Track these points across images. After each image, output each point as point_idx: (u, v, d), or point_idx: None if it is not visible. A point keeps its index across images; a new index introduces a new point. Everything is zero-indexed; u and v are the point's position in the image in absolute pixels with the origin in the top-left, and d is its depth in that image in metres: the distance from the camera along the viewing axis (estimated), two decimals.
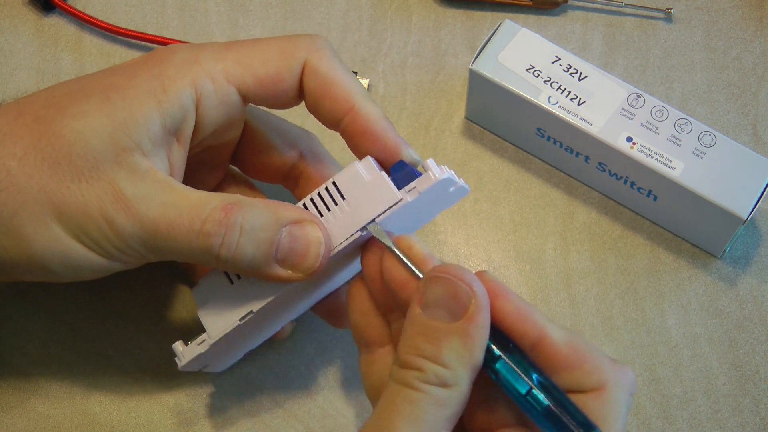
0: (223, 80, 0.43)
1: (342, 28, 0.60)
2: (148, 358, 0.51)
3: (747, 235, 0.54)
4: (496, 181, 0.56)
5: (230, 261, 0.40)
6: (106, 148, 0.40)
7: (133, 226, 0.40)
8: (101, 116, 0.40)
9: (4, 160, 0.40)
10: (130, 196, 0.40)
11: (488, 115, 0.56)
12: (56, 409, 0.50)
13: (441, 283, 0.37)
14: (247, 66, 0.43)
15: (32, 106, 0.41)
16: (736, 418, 0.50)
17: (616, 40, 0.59)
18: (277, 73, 0.43)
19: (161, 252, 0.41)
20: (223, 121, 0.44)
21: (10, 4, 0.60)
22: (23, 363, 0.50)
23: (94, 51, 0.59)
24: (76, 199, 0.40)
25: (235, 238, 0.40)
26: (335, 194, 0.42)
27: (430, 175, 0.41)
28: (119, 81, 0.42)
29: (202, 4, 0.60)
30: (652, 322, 0.52)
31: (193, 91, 0.42)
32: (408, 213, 0.42)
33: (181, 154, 0.43)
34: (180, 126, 0.42)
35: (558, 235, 0.54)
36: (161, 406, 0.50)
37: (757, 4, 0.60)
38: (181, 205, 0.40)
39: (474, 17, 0.60)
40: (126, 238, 0.40)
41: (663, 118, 0.52)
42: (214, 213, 0.40)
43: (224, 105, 0.43)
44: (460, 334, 0.36)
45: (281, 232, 0.40)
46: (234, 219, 0.40)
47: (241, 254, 0.40)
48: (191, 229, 0.40)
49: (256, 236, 0.40)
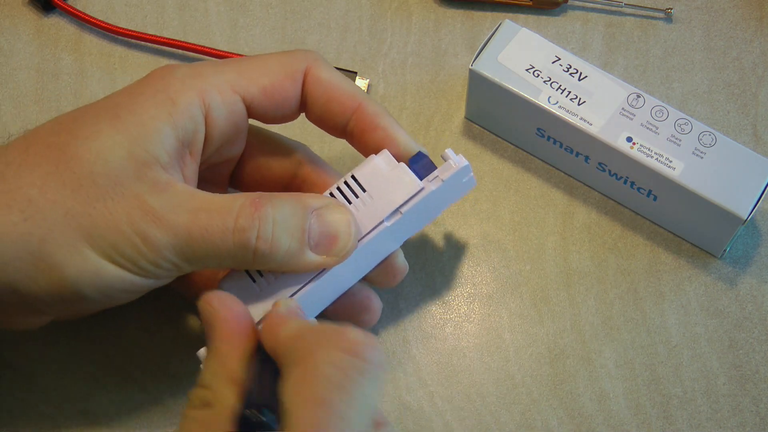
0: (228, 90, 0.43)
1: (342, 28, 0.60)
2: (148, 358, 0.51)
3: (747, 235, 0.54)
4: (496, 181, 0.56)
5: (267, 253, 0.40)
6: (126, 164, 0.40)
7: (167, 235, 0.39)
8: (115, 133, 0.40)
9: (24, 190, 0.39)
10: (158, 208, 0.39)
11: (488, 115, 0.56)
12: (56, 409, 0.50)
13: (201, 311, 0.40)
14: (250, 77, 0.43)
15: (40, 136, 0.41)
16: (736, 418, 0.50)
17: (616, 40, 0.59)
18: (280, 82, 0.44)
19: (197, 259, 0.40)
20: (231, 132, 0.44)
21: (10, 4, 0.60)
22: (23, 363, 0.50)
23: (94, 51, 0.59)
24: (104, 218, 0.39)
25: (269, 229, 0.40)
26: (355, 187, 0.43)
27: (451, 164, 0.43)
28: (124, 100, 0.42)
29: (202, 4, 0.60)
30: (652, 322, 0.52)
31: (201, 102, 0.42)
32: (427, 204, 0.44)
33: (194, 168, 0.43)
34: (192, 138, 0.42)
35: (558, 235, 0.54)
36: (161, 406, 0.50)
37: (757, 4, 0.60)
38: (210, 209, 0.40)
39: (474, 17, 0.60)
40: (161, 249, 0.40)
41: (663, 118, 0.52)
42: (244, 209, 0.40)
43: (232, 114, 0.43)
44: (212, 353, 0.39)
45: (310, 218, 0.41)
46: (265, 211, 0.40)
47: (277, 245, 0.40)
48: (225, 228, 0.40)
49: (288, 225, 0.40)
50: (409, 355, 0.51)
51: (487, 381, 0.51)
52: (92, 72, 0.58)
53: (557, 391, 0.51)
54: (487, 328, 0.52)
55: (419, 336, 0.52)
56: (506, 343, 0.52)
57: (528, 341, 0.52)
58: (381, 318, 0.52)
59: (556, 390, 0.51)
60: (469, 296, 0.53)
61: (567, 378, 0.51)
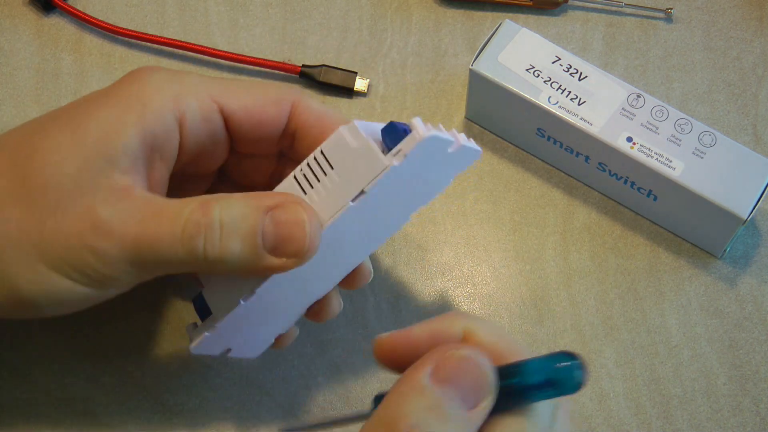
0: (206, 98, 0.42)
1: (342, 28, 0.60)
2: (148, 358, 0.51)
3: (747, 235, 0.54)
4: (496, 181, 0.56)
5: (219, 259, 0.39)
6: (81, 174, 0.39)
7: (115, 248, 0.39)
8: (74, 144, 0.40)
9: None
10: (107, 219, 0.39)
11: (488, 115, 0.56)
12: (56, 409, 0.50)
13: (465, 366, 0.35)
14: (232, 92, 0.43)
15: (7, 146, 0.41)
16: (736, 418, 0.50)
17: (616, 40, 0.59)
18: (262, 104, 0.43)
19: (150, 268, 0.40)
20: (207, 142, 0.43)
21: (10, 4, 0.60)
22: (23, 363, 0.50)
23: (94, 51, 0.59)
24: (54, 234, 0.39)
25: (217, 234, 0.38)
26: (324, 164, 0.40)
27: (414, 135, 0.38)
28: (94, 104, 0.41)
29: (202, 4, 0.60)
30: (652, 322, 0.52)
31: (175, 108, 0.41)
32: (404, 179, 0.40)
33: (163, 172, 0.42)
34: (163, 143, 0.41)
35: (558, 235, 0.54)
36: (161, 406, 0.50)
37: (757, 4, 0.60)
38: (161, 217, 0.39)
39: (474, 17, 0.60)
40: (112, 262, 0.39)
41: (663, 118, 0.52)
42: (192, 214, 0.39)
43: (208, 123, 0.42)
44: (468, 423, 0.35)
45: (263, 219, 0.39)
46: (212, 216, 0.38)
47: (227, 250, 0.39)
48: (173, 236, 0.38)
49: (237, 228, 0.39)
50: None
51: None
52: (92, 72, 0.58)
53: None
54: None
55: None
56: None
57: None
58: (381, 318, 0.52)
59: None
60: (469, 296, 0.53)
61: None
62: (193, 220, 0.38)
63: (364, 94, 0.58)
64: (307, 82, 0.58)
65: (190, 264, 0.39)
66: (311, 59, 0.59)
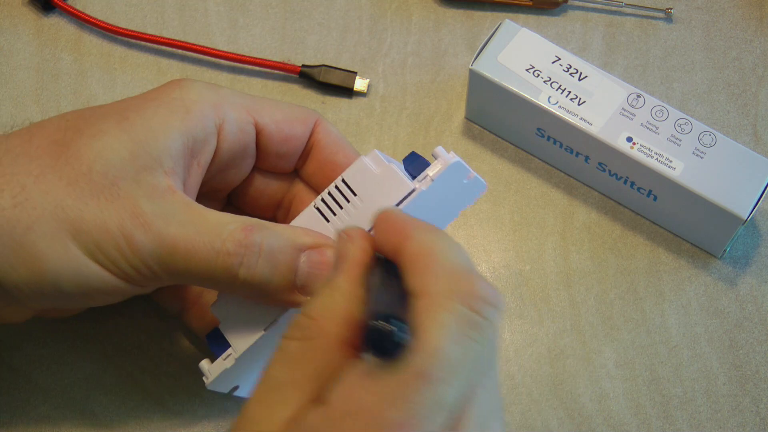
0: (243, 110, 0.43)
1: (342, 28, 0.60)
2: (148, 358, 0.51)
3: (747, 235, 0.54)
4: (496, 181, 0.56)
5: (249, 282, 0.40)
6: (126, 165, 0.39)
7: (152, 242, 0.39)
8: (121, 134, 0.40)
9: (19, 177, 0.39)
10: (149, 213, 0.39)
11: (488, 115, 0.56)
12: (56, 409, 0.50)
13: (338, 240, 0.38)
14: (265, 107, 0.44)
15: (45, 131, 0.41)
16: (736, 418, 0.50)
17: (616, 40, 0.59)
18: (291, 121, 0.45)
19: (179, 272, 0.40)
20: (238, 152, 0.44)
21: (10, 4, 0.60)
22: (23, 363, 0.50)
23: (94, 51, 0.59)
24: (94, 215, 0.39)
25: (255, 259, 0.39)
26: (346, 191, 0.41)
27: (441, 160, 0.40)
28: (136, 103, 0.42)
29: (202, 4, 0.60)
30: (652, 322, 0.52)
31: (215, 115, 0.42)
32: (426, 206, 0.41)
33: (197, 179, 0.43)
34: (201, 148, 0.42)
35: (558, 235, 0.54)
36: (161, 406, 0.50)
37: (757, 4, 0.60)
38: (201, 225, 0.39)
39: (474, 17, 0.60)
40: (144, 256, 0.39)
41: (663, 118, 0.52)
42: (234, 233, 0.39)
43: (242, 134, 0.43)
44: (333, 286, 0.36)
45: (300, 257, 0.40)
46: (253, 239, 0.39)
47: (262, 276, 0.40)
48: (211, 248, 0.39)
49: (274, 258, 0.40)
50: None
51: None
52: (92, 72, 0.58)
53: (557, 391, 0.51)
54: None
55: None
56: (506, 343, 0.52)
57: (528, 341, 0.52)
58: None
59: (556, 390, 0.51)
60: None
61: (567, 378, 0.51)
62: (236, 238, 0.39)
63: (363, 94, 0.58)
64: (307, 82, 0.58)
65: (218, 279, 0.40)
66: (311, 59, 0.59)
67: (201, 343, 0.51)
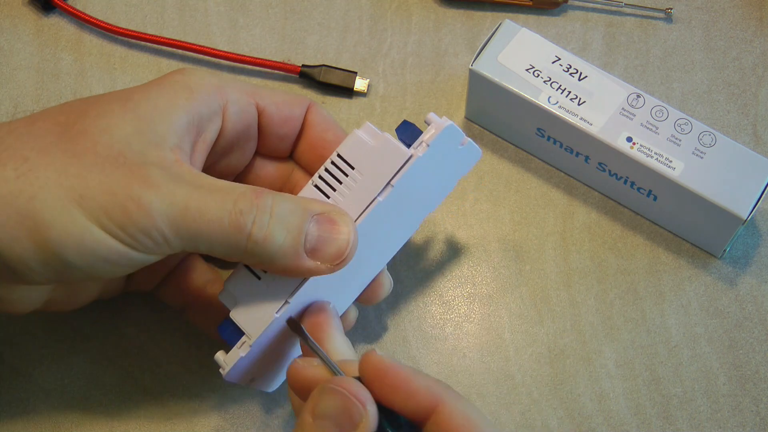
0: (244, 93, 0.44)
1: (342, 28, 0.60)
2: (148, 358, 0.51)
3: (747, 235, 0.54)
4: (496, 181, 0.56)
5: (261, 243, 0.39)
6: (132, 140, 0.39)
7: (162, 203, 0.38)
8: (126, 113, 0.40)
9: (22, 151, 0.39)
10: (158, 176, 0.39)
11: (488, 115, 0.56)
12: (56, 409, 0.50)
13: (334, 397, 0.37)
14: (265, 91, 0.46)
15: (50, 114, 0.41)
16: (736, 418, 0.50)
17: (616, 40, 0.59)
18: (290, 103, 0.46)
19: (190, 236, 0.39)
20: (242, 132, 0.45)
21: (10, 4, 0.60)
22: (23, 363, 0.50)
23: (94, 51, 0.59)
24: (99, 181, 0.38)
25: (266, 220, 0.39)
26: (343, 166, 0.41)
27: (435, 125, 0.41)
28: (141, 88, 0.42)
29: (202, 4, 0.60)
30: (652, 322, 0.52)
31: (218, 96, 0.43)
32: (424, 173, 0.42)
33: (202, 158, 0.43)
34: (206, 127, 0.42)
35: (558, 235, 0.54)
36: (161, 406, 0.50)
37: (757, 4, 0.60)
38: (211, 188, 0.39)
39: (474, 17, 0.60)
40: (154, 217, 0.38)
41: (663, 118, 0.52)
42: (245, 193, 0.40)
43: (245, 114, 0.44)
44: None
45: (309, 221, 0.40)
46: (265, 201, 0.40)
47: (271, 237, 0.40)
48: (223, 208, 0.39)
49: (286, 221, 0.40)
50: (409, 355, 0.51)
51: (487, 381, 0.51)
52: (92, 72, 0.58)
53: (557, 391, 0.51)
54: (487, 328, 0.52)
55: (419, 336, 0.52)
56: (506, 343, 0.52)
57: (528, 341, 0.52)
58: (381, 319, 0.52)
59: (556, 390, 0.51)
60: (469, 296, 0.53)
61: (567, 378, 0.51)
62: (247, 198, 0.40)
63: (363, 94, 0.58)
64: (307, 82, 0.58)
65: (230, 241, 0.39)
66: (311, 59, 0.59)
67: (201, 343, 0.51)
